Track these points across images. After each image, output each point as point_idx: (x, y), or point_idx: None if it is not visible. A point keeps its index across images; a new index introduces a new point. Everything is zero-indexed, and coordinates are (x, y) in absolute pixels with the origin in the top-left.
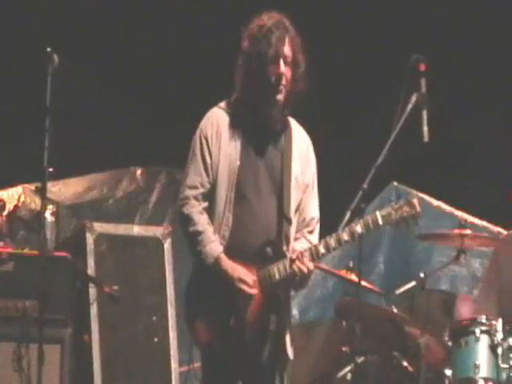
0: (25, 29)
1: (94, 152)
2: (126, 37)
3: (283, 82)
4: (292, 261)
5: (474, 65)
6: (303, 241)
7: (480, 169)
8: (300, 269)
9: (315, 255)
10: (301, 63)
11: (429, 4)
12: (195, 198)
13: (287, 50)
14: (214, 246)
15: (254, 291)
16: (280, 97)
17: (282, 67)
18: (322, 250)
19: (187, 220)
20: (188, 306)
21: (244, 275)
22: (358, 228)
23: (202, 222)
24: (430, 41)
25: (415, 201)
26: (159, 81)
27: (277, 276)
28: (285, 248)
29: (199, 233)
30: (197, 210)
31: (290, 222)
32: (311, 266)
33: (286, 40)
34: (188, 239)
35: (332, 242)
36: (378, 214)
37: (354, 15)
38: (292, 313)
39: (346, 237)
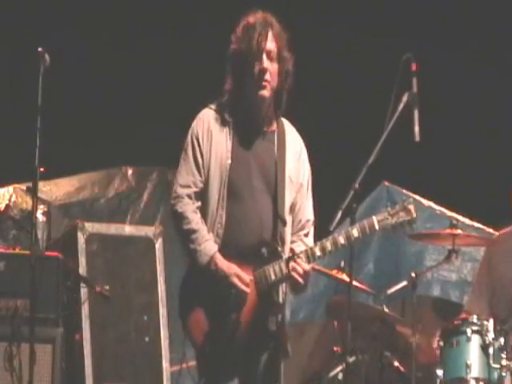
0: (15, 28)
1: (85, 152)
2: (118, 35)
3: (267, 77)
4: (287, 261)
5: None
6: (300, 244)
7: (471, 169)
8: (295, 269)
9: (311, 257)
10: (287, 59)
11: (421, 4)
12: (188, 196)
13: (271, 45)
14: (209, 244)
15: (248, 290)
16: (265, 93)
17: (265, 62)
18: (317, 252)
19: (181, 218)
20: (182, 304)
21: (240, 272)
22: (355, 232)
23: (196, 220)
24: (423, 40)
25: (411, 206)
26: (151, 80)
27: (272, 277)
28: (280, 249)
29: (194, 231)
30: (190, 209)
31: (284, 223)
32: (307, 266)
33: (270, 35)
34: (182, 237)
35: (328, 244)
36: (375, 219)
37: (344, 15)
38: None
39: (342, 240)
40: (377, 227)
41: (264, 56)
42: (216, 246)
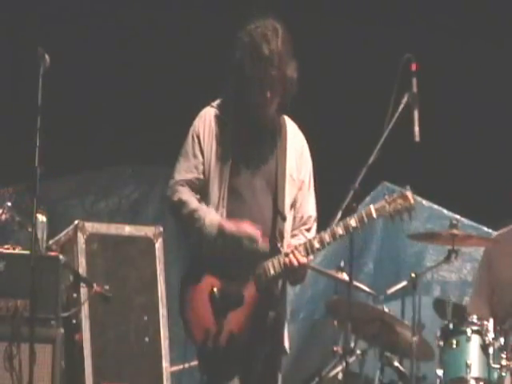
0: (15, 28)
1: (85, 152)
2: (119, 35)
3: (270, 100)
4: (286, 255)
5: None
6: (300, 237)
7: (472, 169)
8: (292, 262)
9: (310, 250)
10: (291, 61)
11: (421, 4)
12: (182, 186)
13: (275, 47)
14: (213, 215)
15: (262, 241)
16: (267, 110)
17: (269, 93)
18: (316, 244)
19: (179, 204)
20: (182, 302)
21: (248, 230)
22: (353, 222)
23: (193, 200)
24: (423, 41)
25: (408, 193)
26: (151, 80)
27: (271, 271)
28: (279, 244)
29: (194, 210)
30: (186, 192)
31: (284, 218)
32: (304, 259)
33: (274, 38)
34: (184, 223)
35: (326, 236)
36: (372, 208)
37: (344, 15)
38: (287, 308)
39: (340, 231)
40: (375, 215)
41: (270, 57)
42: (219, 215)
